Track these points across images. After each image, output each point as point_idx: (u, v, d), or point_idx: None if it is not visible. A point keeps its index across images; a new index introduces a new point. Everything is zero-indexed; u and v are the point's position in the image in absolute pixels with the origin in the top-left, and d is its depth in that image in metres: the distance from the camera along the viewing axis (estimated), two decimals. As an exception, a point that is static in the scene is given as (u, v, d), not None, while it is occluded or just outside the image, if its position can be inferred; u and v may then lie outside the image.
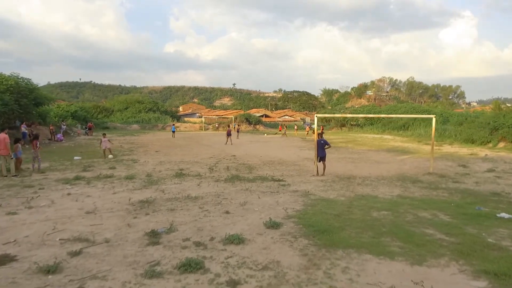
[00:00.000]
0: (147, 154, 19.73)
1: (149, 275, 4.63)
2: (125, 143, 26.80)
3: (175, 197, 9.14)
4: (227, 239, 5.94)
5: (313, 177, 12.44)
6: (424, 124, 43.21)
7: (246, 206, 8.29)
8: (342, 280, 4.62)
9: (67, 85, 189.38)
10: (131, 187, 10.45)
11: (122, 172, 12.97)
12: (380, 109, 60.95)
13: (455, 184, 11.52)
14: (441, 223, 7.16)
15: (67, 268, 4.89)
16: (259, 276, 4.69)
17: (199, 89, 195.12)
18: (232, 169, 14.12)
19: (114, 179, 11.69)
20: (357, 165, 15.94)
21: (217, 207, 8.17)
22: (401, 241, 6.06)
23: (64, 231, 6.45)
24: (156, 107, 66.72)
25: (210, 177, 12.16)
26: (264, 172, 13.26)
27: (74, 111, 42.74)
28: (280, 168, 14.64)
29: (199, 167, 14.52)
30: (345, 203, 8.68)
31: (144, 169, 13.95)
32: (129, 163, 15.67)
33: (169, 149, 22.94)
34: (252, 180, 11.66)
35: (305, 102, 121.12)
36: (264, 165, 15.32)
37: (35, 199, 8.80)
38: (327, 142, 13.18)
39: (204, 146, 25.39)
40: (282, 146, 26.12)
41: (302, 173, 13.45)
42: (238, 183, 11.16)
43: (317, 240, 6.00)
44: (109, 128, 48.59)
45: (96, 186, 10.56)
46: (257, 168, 14.38)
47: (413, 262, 5.20)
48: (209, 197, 9.16)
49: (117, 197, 9.09)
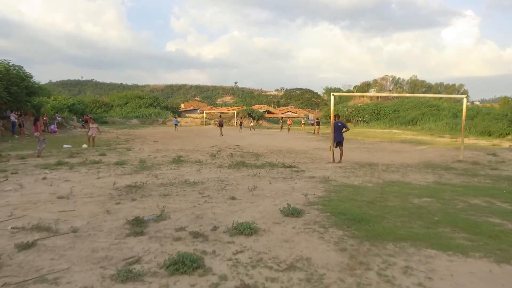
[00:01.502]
0: (144, 143, 18.22)
1: (122, 278, 3.14)
2: (123, 135, 25.30)
3: (170, 182, 7.64)
4: (235, 228, 4.44)
5: (329, 164, 10.92)
6: (433, 118, 41.76)
7: (255, 191, 6.79)
8: (409, 286, 3.11)
9: (68, 84, 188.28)
10: (120, 172, 8.95)
11: (112, 159, 11.47)
12: (386, 105, 59.13)
13: (494, 171, 9.98)
14: (504, 211, 5.65)
15: (8, 266, 3.41)
16: (284, 279, 3.19)
17: (200, 88, 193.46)
18: (236, 156, 12.61)
19: (101, 164, 10.20)
20: (374, 154, 14.42)
21: (220, 193, 6.67)
22: (466, 232, 4.55)
23: (23, 217, 4.97)
24: (157, 103, 65.26)
25: (212, 164, 10.66)
26: (272, 159, 11.76)
27: (71, 104, 41.28)
28: (290, 156, 13.13)
29: (200, 155, 13.02)
30: (375, 190, 7.17)
31: (138, 156, 12.45)
32: (123, 150, 14.17)
33: (168, 139, 21.44)
34: (260, 166, 10.15)
35: (308, 100, 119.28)
36: (272, 153, 13.81)
37: (1, 183, 7.32)
38: (345, 125, 11.67)
39: (205, 138, 23.88)
40: (288, 138, 24.59)
41: (315, 160, 11.94)
42: (244, 169, 9.65)
43: (354, 231, 4.50)
44: (107, 122, 47.14)
45: (79, 171, 9.06)
46: (264, 156, 12.86)
47: (498, 259, 3.69)
48: (210, 183, 7.66)
49: (100, 182, 7.60)
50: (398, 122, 45.28)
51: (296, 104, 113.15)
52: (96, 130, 15.66)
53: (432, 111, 46.12)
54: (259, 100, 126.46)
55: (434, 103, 52.71)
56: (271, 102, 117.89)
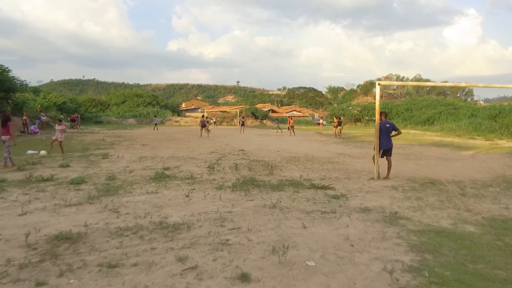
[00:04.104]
0: (130, 148, 15.11)
1: None
2: (111, 137, 22.21)
3: (135, 225, 4.52)
4: None
5: (375, 182, 7.79)
6: (451, 117, 38.57)
7: (285, 254, 3.64)
8: None
9: (70, 83, 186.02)
10: (67, 199, 5.83)
11: (73, 173, 8.34)
12: (398, 103, 55.70)
13: None
14: None
15: None
16: None
17: (202, 87, 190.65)
18: (242, 168, 9.46)
19: (50, 184, 7.08)
20: (418, 163, 11.26)
21: (219, 259, 3.54)
22: None
23: None
24: (156, 101, 62.22)
25: (208, 181, 7.53)
26: (292, 173, 8.63)
27: (62, 102, 38.18)
28: (313, 167, 9.96)
29: (194, 165, 9.89)
30: (490, 242, 4.03)
31: (111, 167, 9.32)
32: (96, 159, 11.02)
33: (160, 142, 18.33)
34: (279, 186, 7.01)
35: (312, 99, 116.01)
36: (288, 163, 10.66)
37: None
38: (395, 127, 8.53)
39: (205, 140, 20.76)
40: (299, 140, 21.42)
41: (351, 174, 8.78)
42: (255, 192, 6.52)
43: None
44: (102, 122, 44.17)
45: (5, 199, 5.95)
46: (280, 168, 9.69)
47: None
48: (203, 227, 4.54)
49: (13, 227, 4.47)
50: (413, 121, 42.09)
51: (300, 103, 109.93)
52: (60, 133, 12.27)
53: (449, 109, 42.96)
54: (262, 99, 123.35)
55: (450, 102, 49.47)
56: (274, 101, 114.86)
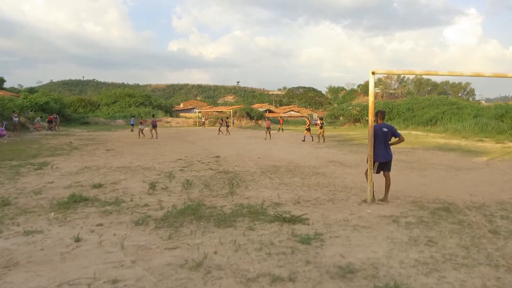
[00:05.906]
0: (89, 154, 13.03)
1: None
2: (82, 139, 20.16)
3: None
4: None
5: (367, 207, 5.67)
6: (455, 118, 36.46)
7: None
8: None
9: (69, 83, 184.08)
10: None
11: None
12: (399, 103, 53.49)
13: None
14: None
15: None
16: None
17: (202, 87, 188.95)
18: (197, 184, 7.35)
19: None
20: (423, 173, 9.14)
21: None
22: None
23: None
24: (149, 101, 60.08)
25: (135, 209, 5.44)
26: (260, 193, 6.54)
27: (44, 102, 36.11)
28: (292, 181, 7.85)
29: (140, 180, 7.80)
30: None
31: (30, 183, 7.23)
32: (27, 170, 8.93)
33: (131, 146, 16.28)
34: (229, 218, 4.92)
35: (311, 99, 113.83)
36: (263, 175, 8.56)
37: None
38: (395, 132, 6.27)
39: (185, 143, 18.69)
40: (289, 142, 19.33)
41: (336, 194, 6.66)
42: (188, 230, 4.44)
43: None
44: (89, 123, 42.14)
45: None
46: (248, 183, 7.58)
47: None
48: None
49: None
50: (414, 122, 39.93)
51: (299, 103, 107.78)
52: None
53: (452, 109, 40.83)
54: (261, 99, 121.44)
55: (453, 101, 47.32)
56: (273, 101, 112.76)
